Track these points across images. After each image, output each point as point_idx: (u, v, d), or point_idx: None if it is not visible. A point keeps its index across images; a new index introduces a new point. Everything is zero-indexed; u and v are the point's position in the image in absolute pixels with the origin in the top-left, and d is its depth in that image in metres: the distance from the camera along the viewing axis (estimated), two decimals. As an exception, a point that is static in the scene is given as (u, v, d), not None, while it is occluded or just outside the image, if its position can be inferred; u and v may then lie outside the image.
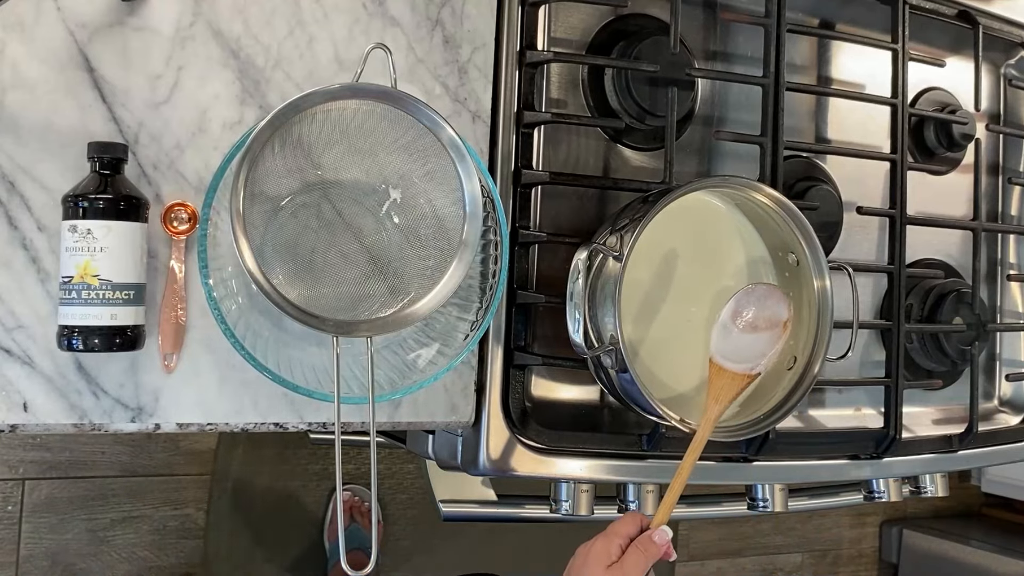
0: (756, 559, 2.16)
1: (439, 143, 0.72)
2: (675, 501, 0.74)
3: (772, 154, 0.95)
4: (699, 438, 0.76)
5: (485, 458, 0.85)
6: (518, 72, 0.89)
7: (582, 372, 0.86)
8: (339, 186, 0.77)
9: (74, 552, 1.59)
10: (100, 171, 0.72)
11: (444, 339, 0.79)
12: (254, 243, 0.66)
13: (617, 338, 0.76)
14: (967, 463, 1.10)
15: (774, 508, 0.99)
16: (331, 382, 0.70)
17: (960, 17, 1.11)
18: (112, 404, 0.75)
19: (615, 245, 0.79)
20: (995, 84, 1.21)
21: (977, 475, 2.26)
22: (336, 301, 0.74)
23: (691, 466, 0.75)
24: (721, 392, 0.78)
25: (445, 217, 0.74)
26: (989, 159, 1.20)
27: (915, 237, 1.06)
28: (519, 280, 0.88)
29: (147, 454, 1.63)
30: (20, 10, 0.73)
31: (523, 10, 0.89)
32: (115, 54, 0.76)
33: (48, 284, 0.74)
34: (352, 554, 1.57)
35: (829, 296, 0.85)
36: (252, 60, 0.80)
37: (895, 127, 1.05)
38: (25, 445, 1.56)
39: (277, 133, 0.68)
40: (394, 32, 0.85)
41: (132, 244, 0.72)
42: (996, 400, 1.22)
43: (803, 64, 1.07)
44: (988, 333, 1.12)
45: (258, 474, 1.69)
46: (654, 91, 0.93)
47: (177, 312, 0.76)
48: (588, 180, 0.94)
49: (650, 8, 0.98)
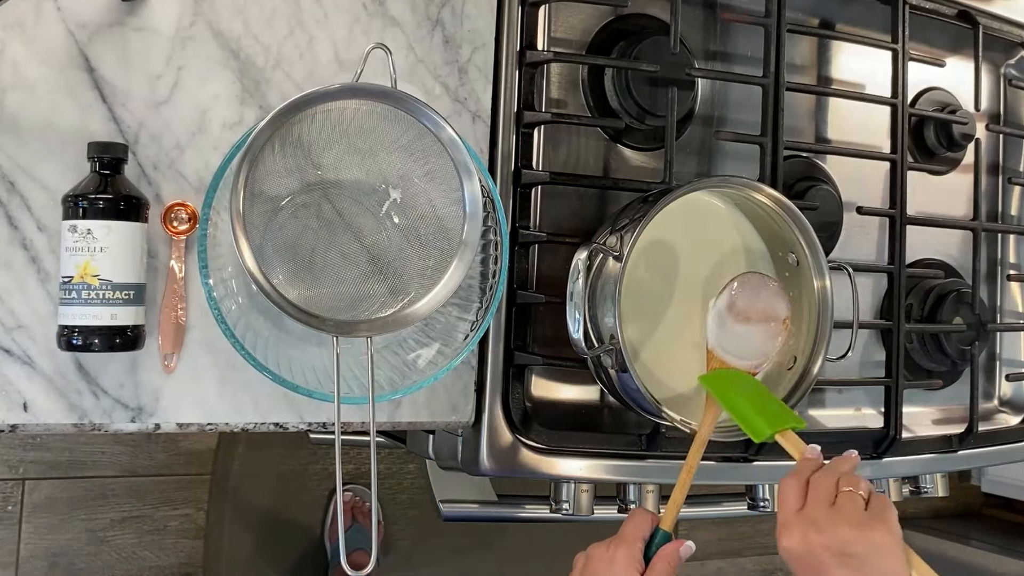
0: (756, 559, 2.16)
1: (439, 143, 0.72)
2: (683, 500, 0.73)
3: (772, 154, 0.95)
4: (702, 436, 0.76)
5: (485, 458, 0.85)
6: (518, 72, 0.89)
7: (582, 372, 0.86)
8: (339, 186, 0.77)
9: (74, 552, 1.59)
10: (100, 171, 0.72)
11: (444, 339, 0.79)
12: (254, 243, 0.66)
13: (617, 338, 0.76)
14: (967, 463, 1.10)
15: (774, 508, 0.99)
16: (331, 382, 0.70)
17: (960, 17, 1.11)
18: (112, 404, 0.75)
19: (615, 245, 0.79)
20: (995, 84, 1.21)
21: (977, 475, 2.26)
22: (336, 301, 0.74)
23: (696, 464, 0.74)
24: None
25: (445, 217, 0.74)
26: (989, 159, 1.20)
27: (915, 237, 1.06)
28: (519, 280, 0.88)
29: (147, 454, 1.63)
30: (20, 10, 0.73)
31: (523, 10, 0.89)
32: (115, 54, 0.76)
33: (48, 284, 0.74)
34: (354, 554, 1.57)
35: (829, 296, 0.85)
36: (252, 60, 0.80)
37: (895, 127, 1.05)
38: (25, 445, 1.56)
39: (277, 133, 0.68)
40: (394, 32, 0.85)
41: (132, 244, 0.72)
42: (996, 400, 1.22)
43: (803, 64, 1.07)
44: (988, 333, 1.12)
45: (258, 474, 1.69)
46: (654, 91, 0.93)
47: (177, 312, 0.76)
48: (588, 180, 0.94)
49: (650, 8, 0.98)
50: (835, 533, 0.63)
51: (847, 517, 0.64)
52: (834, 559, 0.63)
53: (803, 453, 0.71)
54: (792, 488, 0.67)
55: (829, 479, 0.67)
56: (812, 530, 0.64)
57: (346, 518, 1.66)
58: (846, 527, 0.63)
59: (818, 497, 0.66)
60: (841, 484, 0.66)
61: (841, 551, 0.63)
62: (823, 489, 0.66)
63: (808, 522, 0.64)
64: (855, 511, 0.64)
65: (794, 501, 0.66)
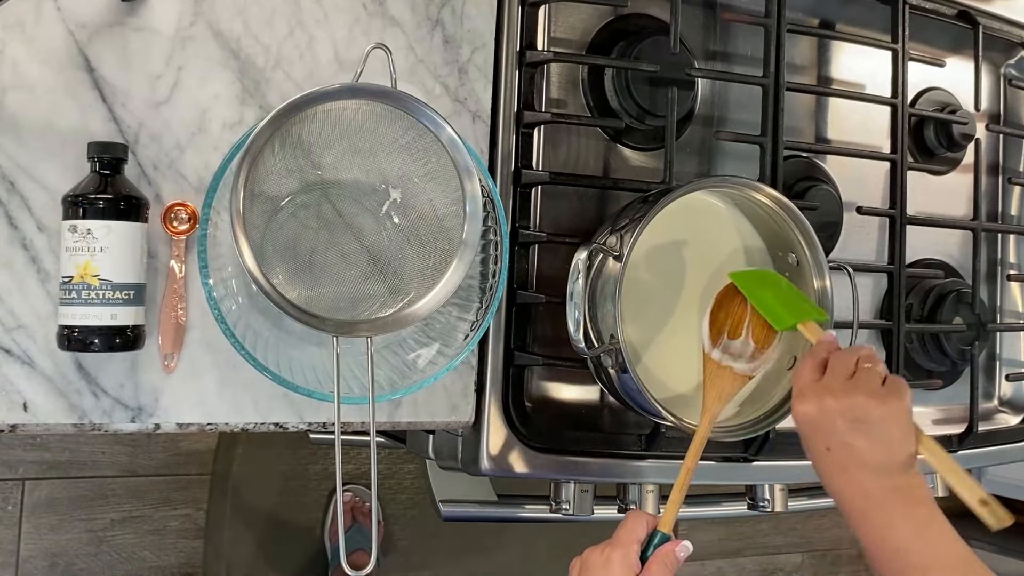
0: (756, 559, 2.16)
1: (439, 143, 0.72)
2: (681, 500, 0.73)
3: (772, 154, 0.95)
4: (700, 435, 0.76)
5: (485, 458, 0.85)
6: (518, 72, 0.89)
7: (582, 372, 0.86)
8: (339, 186, 0.77)
9: (74, 552, 1.59)
10: (100, 171, 0.72)
11: (444, 339, 0.79)
12: (254, 243, 0.66)
13: (617, 338, 0.76)
14: (967, 463, 1.09)
15: (774, 508, 0.99)
16: (331, 382, 0.70)
17: (960, 17, 1.11)
18: (112, 404, 0.75)
19: (615, 245, 0.79)
20: (995, 84, 1.21)
21: (977, 475, 2.26)
22: (336, 301, 0.74)
23: (694, 464, 0.74)
24: (721, 389, 0.78)
25: (445, 217, 0.74)
26: (989, 159, 1.20)
27: (915, 237, 1.06)
28: (519, 280, 0.88)
29: (147, 454, 1.63)
30: (20, 10, 0.73)
31: (523, 10, 0.89)
32: (115, 54, 0.76)
33: (48, 284, 0.74)
34: (354, 554, 1.57)
35: (829, 296, 0.85)
36: (252, 60, 0.80)
37: (895, 127, 1.05)
38: (25, 445, 1.56)
39: (277, 133, 0.68)
40: (394, 32, 0.85)
41: (132, 244, 0.72)
42: (996, 400, 1.22)
43: (803, 64, 1.07)
44: (988, 333, 1.12)
45: (258, 474, 1.69)
46: (654, 91, 0.93)
47: (177, 312, 0.76)
48: (588, 180, 0.94)
49: (650, 8, 0.98)
50: (850, 400, 0.66)
51: (863, 388, 0.67)
52: (846, 423, 0.66)
53: (820, 338, 0.74)
54: (808, 364, 0.70)
55: (849, 356, 0.70)
56: (828, 396, 0.67)
57: (346, 518, 1.66)
58: (862, 396, 0.66)
59: (836, 370, 0.69)
60: (861, 362, 0.69)
61: (855, 417, 0.66)
62: (841, 363, 0.69)
63: (824, 389, 0.68)
64: (872, 384, 0.67)
65: (810, 374, 0.70)
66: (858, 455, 0.66)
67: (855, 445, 0.66)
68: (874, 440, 0.66)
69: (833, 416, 0.66)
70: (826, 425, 0.67)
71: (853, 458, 0.66)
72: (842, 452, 0.66)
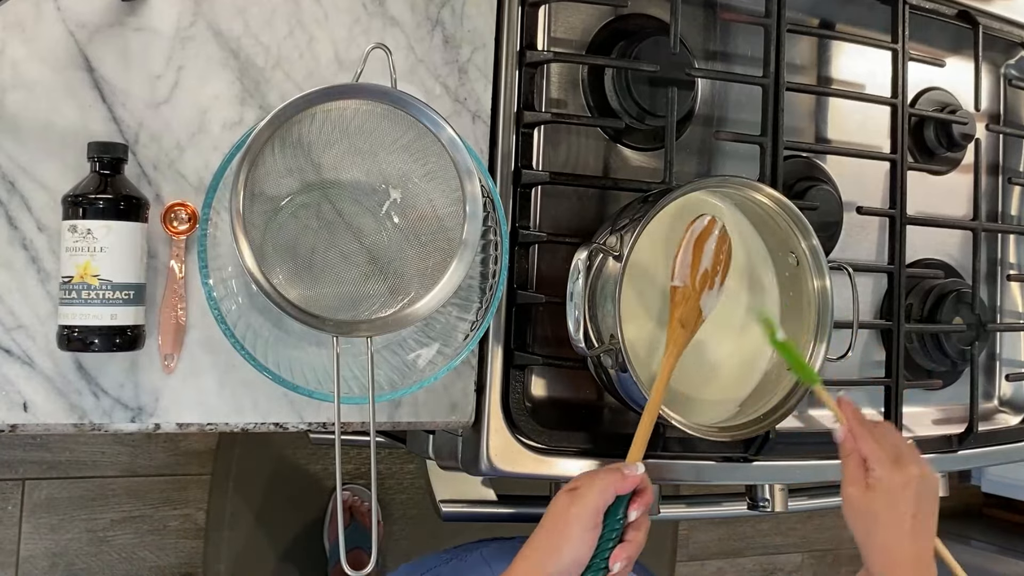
0: (756, 559, 2.16)
1: (439, 143, 0.72)
2: (647, 434, 0.75)
3: (772, 154, 0.95)
4: (668, 365, 0.78)
5: (485, 458, 0.85)
6: (518, 72, 0.89)
7: (582, 372, 0.86)
8: (339, 186, 0.77)
9: (74, 552, 1.59)
10: (100, 171, 0.72)
11: (444, 339, 0.79)
12: (254, 243, 0.66)
13: (617, 338, 0.76)
14: (967, 463, 1.10)
15: (774, 508, 0.99)
16: (331, 382, 0.70)
17: (960, 17, 1.11)
18: (112, 404, 0.75)
19: (615, 245, 0.79)
20: (995, 84, 1.21)
21: (977, 475, 2.26)
22: (336, 301, 0.74)
23: (660, 399, 0.76)
24: (686, 315, 0.80)
25: (445, 217, 0.74)
26: (989, 159, 1.20)
27: (915, 237, 1.06)
28: (519, 280, 0.88)
29: (147, 454, 1.63)
30: (20, 10, 0.73)
31: (523, 10, 0.89)
32: (115, 54, 0.76)
33: (48, 284, 0.74)
34: (352, 553, 1.57)
35: (829, 296, 0.85)
36: (252, 60, 0.80)
37: (895, 127, 1.05)
38: (25, 445, 1.56)
39: (277, 133, 0.68)
40: (394, 32, 0.85)
41: (132, 244, 0.72)
42: (996, 400, 1.22)
43: (803, 64, 1.07)
44: (988, 333, 1.12)
45: (258, 474, 1.69)
46: (654, 91, 0.93)
47: (177, 312, 0.76)
48: (588, 180, 0.94)
49: (650, 8, 0.98)
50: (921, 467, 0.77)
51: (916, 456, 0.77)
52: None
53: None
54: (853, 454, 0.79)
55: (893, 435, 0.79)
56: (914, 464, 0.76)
57: (345, 518, 1.66)
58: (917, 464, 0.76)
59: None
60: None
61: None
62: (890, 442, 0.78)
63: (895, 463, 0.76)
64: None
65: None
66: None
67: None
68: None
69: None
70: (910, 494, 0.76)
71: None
72: (930, 520, 0.76)
